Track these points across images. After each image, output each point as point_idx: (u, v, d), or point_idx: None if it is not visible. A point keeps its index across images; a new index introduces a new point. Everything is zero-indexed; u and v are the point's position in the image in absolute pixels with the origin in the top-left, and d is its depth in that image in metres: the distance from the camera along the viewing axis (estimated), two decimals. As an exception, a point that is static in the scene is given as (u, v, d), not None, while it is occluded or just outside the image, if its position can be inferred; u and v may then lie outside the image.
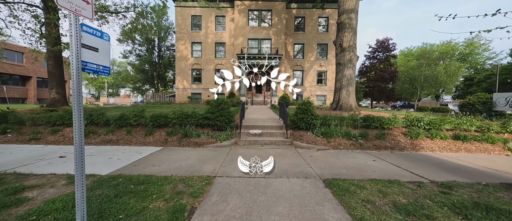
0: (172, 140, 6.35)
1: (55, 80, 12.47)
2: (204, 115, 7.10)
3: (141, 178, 3.38)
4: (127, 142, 6.22)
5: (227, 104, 7.24)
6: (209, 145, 6.12)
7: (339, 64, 12.19)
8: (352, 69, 11.98)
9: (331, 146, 6.16)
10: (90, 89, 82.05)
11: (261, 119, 8.73)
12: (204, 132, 6.73)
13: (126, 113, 7.07)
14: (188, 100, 23.07)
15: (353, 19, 11.91)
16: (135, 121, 6.95)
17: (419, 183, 3.45)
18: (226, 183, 3.32)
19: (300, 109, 7.12)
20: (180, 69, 23.40)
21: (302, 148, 6.02)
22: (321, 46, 23.53)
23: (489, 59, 38.44)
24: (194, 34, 23.09)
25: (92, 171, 3.76)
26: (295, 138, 6.67)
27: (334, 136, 6.55)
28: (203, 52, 23.16)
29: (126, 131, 6.62)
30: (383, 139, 6.52)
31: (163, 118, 6.94)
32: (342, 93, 11.93)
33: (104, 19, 17.57)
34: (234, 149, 5.83)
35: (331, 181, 3.40)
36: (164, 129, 6.93)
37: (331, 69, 23.46)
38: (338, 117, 7.53)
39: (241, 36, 21.88)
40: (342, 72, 12.01)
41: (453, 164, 4.77)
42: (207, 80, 23.26)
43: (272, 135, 6.92)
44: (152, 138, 6.46)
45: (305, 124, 6.93)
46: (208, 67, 23.23)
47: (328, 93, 23.63)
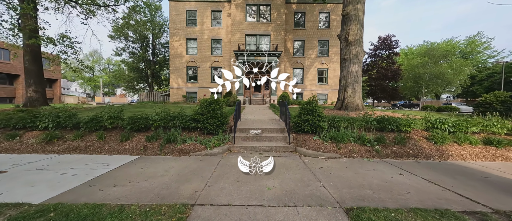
0: (152, 147, 5.30)
1: (32, 77, 11.34)
2: (193, 117, 6.05)
3: (85, 211, 2.33)
4: (97, 150, 5.15)
5: (220, 104, 6.20)
6: (196, 153, 5.09)
7: (344, 59, 11.18)
8: (358, 65, 10.99)
9: (342, 153, 5.16)
10: (85, 89, 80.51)
11: (259, 121, 7.70)
12: (192, 137, 5.68)
13: (101, 114, 5.99)
14: (183, 99, 21.96)
15: (360, 10, 10.91)
16: (111, 124, 5.88)
17: (482, 215, 2.45)
18: (208, 218, 2.29)
19: (305, 109, 6.09)
20: (175, 67, 22.27)
21: (308, 156, 5.01)
22: (322, 42, 22.53)
23: (490, 57, 37.78)
24: (189, 30, 21.96)
25: (23, 196, 2.71)
26: (299, 143, 5.66)
27: (345, 141, 5.55)
28: (199, 49, 22.04)
29: (97, 136, 5.55)
30: (403, 144, 5.52)
31: (143, 120, 5.88)
32: (347, 92, 10.94)
33: (91, 13, 16.42)
34: (226, 158, 4.80)
35: (357, 214, 2.38)
36: (145, 133, 5.87)
37: (333, 67, 22.48)
38: (347, 118, 6.53)
39: (239, 32, 20.80)
40: (348, 68, 11.02)
41: (502, 179, 3.78)
42: (203, 78, 22.16)
43: (272, 139, 5.90)
44: (128, 144, 5.40)
45: (310, 127, 5.91)
46: (204, 64, 22.13)
47: (329, 91, 22.66)
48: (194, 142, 5.49)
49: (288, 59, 22.18)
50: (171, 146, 5.30)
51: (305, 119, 5.93)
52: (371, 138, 5.61)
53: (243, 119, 7.92)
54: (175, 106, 14.98)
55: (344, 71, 11.24)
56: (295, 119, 6.25)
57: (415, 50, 37.07)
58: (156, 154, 5.03)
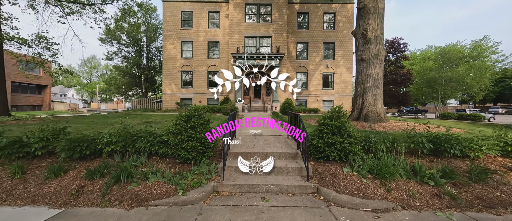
0: (92, 190, 3.35)
1: (-11, 83, 9.50)
2: (163, 138, 4.11)
3: None
4: (1, 196, 3.20)
5: (204, 117, 4.28)
6: (161, 200, 3.13)
7: (361, 60, 9.35)
8: (379, 67, 9.15)
9: (396, 200, 3.20)
10: (82, 95, 78.92)
11: (260, 138, 5.76)
12: (159, 170, 3.73)
13: (29, 133, 4.07)
14: (176, 106, 20.08)
15: (380, 1, 9.18)
16: (43, 149, 3.95)
17: None
18: None
19: (328, 126, 4.16)
20: (168, 71, 20.53)
21: (342, 207, 3.05)
22: (327, 45, 20.87)
23: (497, 62, 36.17)
24: (184, 32, 20.37)
25: None
26: (323, 178, 3.71)
27: (394, 175, 3.60)
28: (194, 52, 20.36)
29: (11, 171, 3.59)
30: (485, 182, 3.57)
31: (88, 142, 3.95)
32: (366, 99, 9.05)
33: (74, 12, 14.82)
34: (207, 212, 2.85)
35: None
36: (90, 163, 3.94)
37: (339, 71, 20.72)
38: (380, 135, 4.61)
39: (237, 33, 19.17)
40: (366, 70, 9.17)
41: None
42: (199, 83, 20.37)
43: (280, 171, 3.95)
44: (56, 184, 3.44)
45: (338, 153, 3.97)
46: (200, 69, 20.39)
47: (336, 98, 20.80)
48: (161, 179, 3.54)
49: (290, 62, 20.45)
50: (123, 188, 3.34)
51: (329, 142, 3.98)
52: (434, 172, 3.65)
53: (240, 134, 5.98)
54: (163, 116, 13.07)
55: (361, 74, 9.39)
56: (313, 139, 4.31)
57: (419, 55, 35.46)
58: (95, 204, 3.07)
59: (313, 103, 20.55)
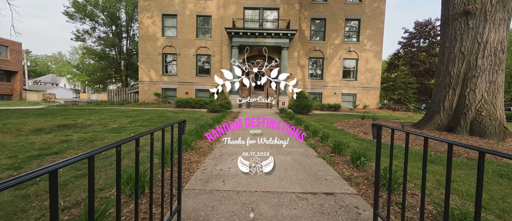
0: None
1: None
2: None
3: None
4: None
5: None
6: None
7: (465, 13, 4.90)
8: (505, 28, 4.67)
9: None
10: (74, 84, 74.70)
11: (274, 197, 1.54)
12: None
13: None
14: (155, 99, 15.80)
15: None
16: None
17: None
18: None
19: None
20: (146, 54, 16.11)
21: None
22: (350, 22, 16.21)
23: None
24: (166, 3, 15.77)
25: None
26: None
27: None
28: (179, 29, 15.83)
29: None
30: None
31: None
32: (475, 89, 4.69)
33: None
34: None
35: None
36: None
37: (365, 56, 16.16)
38: None
39: (234, 4, 14.57)
40: (477, 33, 4.75)
41: None
42: (185, 70, 15.98)
43: None
44: None
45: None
46: (187, 51, 15.93)
47: (359, 91, 16.37)
48: None
49: (302, 44, 15.90)
50: None
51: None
52: None
53: (219, 166, 1.75)
54: (119, 113, 8.87)
55: (462, 41, 4.93)
56: None
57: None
58: None
59: (329, 97, 16.18)
